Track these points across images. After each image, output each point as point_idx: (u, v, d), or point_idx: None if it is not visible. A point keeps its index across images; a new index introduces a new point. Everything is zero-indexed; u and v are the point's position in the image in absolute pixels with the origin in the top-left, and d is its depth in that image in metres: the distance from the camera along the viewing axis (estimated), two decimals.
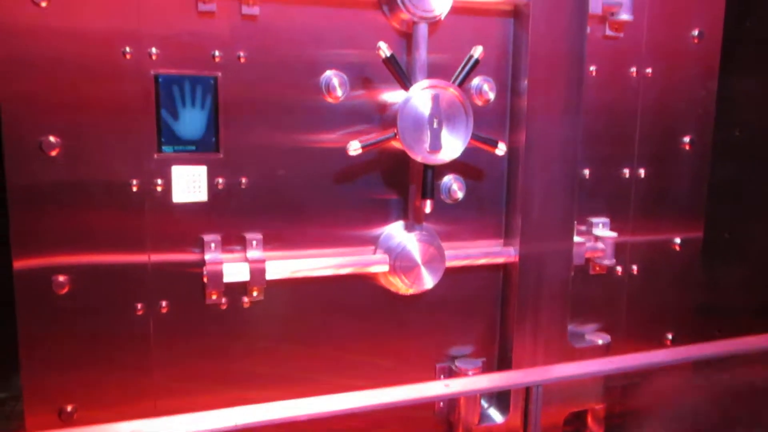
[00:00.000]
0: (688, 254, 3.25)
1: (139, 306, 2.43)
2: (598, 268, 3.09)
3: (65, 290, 2.33)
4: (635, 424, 3.26)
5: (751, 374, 2.94)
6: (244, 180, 2.51)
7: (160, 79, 2.34)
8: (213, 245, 2.48)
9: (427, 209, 2.63)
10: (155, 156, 2.38)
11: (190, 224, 2.46)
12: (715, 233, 3.37)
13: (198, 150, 2.43)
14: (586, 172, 3.02)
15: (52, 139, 2.24)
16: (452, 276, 2.82)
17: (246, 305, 2.58)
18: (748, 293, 3.47)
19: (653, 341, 3.18)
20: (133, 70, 2.31)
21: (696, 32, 3.06)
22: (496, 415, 3.01)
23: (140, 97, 2.33)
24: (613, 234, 3.03)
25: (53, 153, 2.25)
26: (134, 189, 2.37)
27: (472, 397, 2.93)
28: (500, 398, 3.01)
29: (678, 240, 3.22)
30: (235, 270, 2.46)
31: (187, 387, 2.52)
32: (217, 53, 2.40)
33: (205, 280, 2.43)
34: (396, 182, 2.73)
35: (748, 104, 3.51)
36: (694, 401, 3.11)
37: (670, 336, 3.27)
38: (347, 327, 2.78)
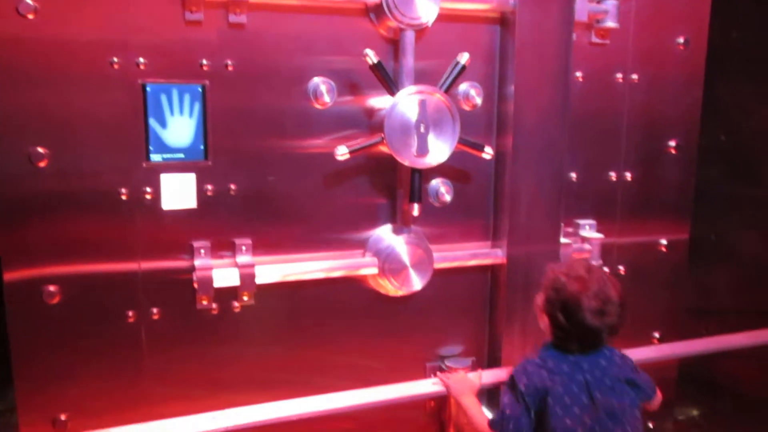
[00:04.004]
0: (675, 256, 3.29)
1: (131, 313, 2.45)
2: None
3: (56, 300, 2.35)
4: None
5: None
6: (233, 186, 2.53)
7: (147, 89, 2.35)
8: (203, 251, 2.50)
9: (415, 212, 2.66)
10: (144, 164, 2.39)
11: (179, 231, 2.48)
12: (702, 235, 3.40)
13: (186, 158, 2.45)
14: (573, 175, 3.05)
15: (40, 150, 2.25)
16: (441, 277, 2.85)
17: (237, 310, 2.60)
18: (734, 294, 3.51)
19: (640, 341, 3.21)
20: (121, 80, 2.32)
21: (681, 39, 3.08)
22: (487, 413, 3.05)
23: (128, 107, 2.35)
24: (600, 235, 3.06)
25: (42, 164, 2.26)
26: (123, 198, 2.38)
27: None
28: (490, 396, 3.05)
29: (664, 241, 3.25)
30: (225, 275, 2.49)
31: (180, 392, 2.55)
32: (204, 62, 2.41)
33: (195, 285, 2.46)
34: (384, 186, 2.75)
35: (733, 110, 3.54)
36: None
37: (657, 335, 3.30)
38: (338, 329, 2.80)
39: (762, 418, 3.55)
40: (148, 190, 2.41)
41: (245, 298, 2.58)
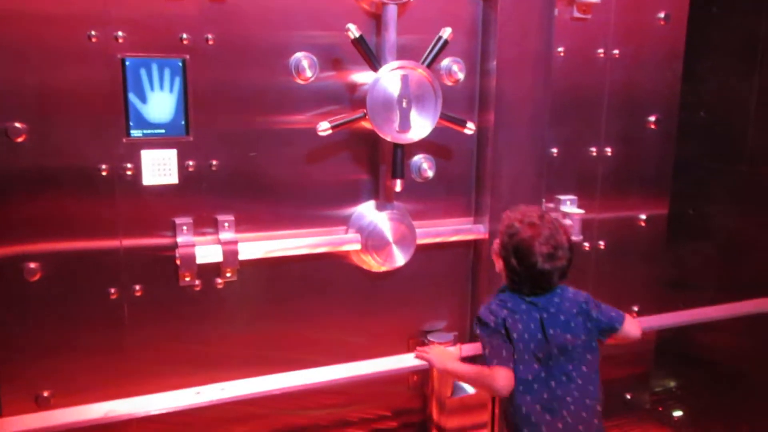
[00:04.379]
0: (654, 230, 3.34)
1: (113, 290, 2.45)
2: None
3: (37, 277, 2.33)
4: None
5: None
6: (214, 162, 2.51)
7: (127, 63, 2.32)
8: (185, 228, 2.49)
9: (398, 188, 2.66)
10: (124, 140, 2.37)
11: (161, 208, 2.47)
12: (680, 210, 3.44)
13: (167, 133, 2.43)
14: (555, 150, 3.07)
15: (17, 125, 2.22)
16: (424, 253, 2.88)
17: (220, 286, 2.60)
18: (712, 268, 3.57)
19: None
20: (100, 53, 2.29)
21: (662, 15, 3.10)
22: (468, 387, 3.09)
23: (107, 81, 2.32)
24: (581, 211, 3.08)
25: (19, 139, 2.23)
26: (104, 174, 2.36)
27: None
28: None
29: (644, 216, 3.29)
30: (207, 252, 2.48)
31: (164, 369, 2.55)
32: (185, 36, 2.38)
33: (178, 262, 2.45)
34: (367, 162, 2.76)
35: (713, 86, 3.57)
36: None
37: (636, 309, 3.36)
38: (321, 305, 2.82)
39: (737, 389, 3.63)
40: (129, 166, 2.39)
41: (228, 275, 2.58)
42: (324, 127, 2.49)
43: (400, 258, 2.78)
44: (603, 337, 2.13)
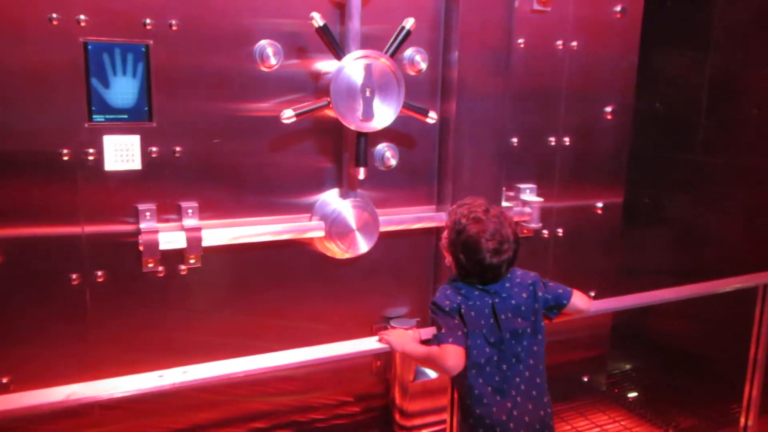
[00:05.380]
0: (610, 218, 3.43)
1: (74, 276, 2.43)
2: (525, 231, 3.23)
3: None
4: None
5: None
6: (178, 149, 2.51)
7: (89, 47, 2.31)
8: (148, 214, 2.49)
9: (361, 176, 2.70)
10: (86, 125, 2.36)
11: (124, 194, 2.46)
12: (636, 199, 3.54)
13: (130, 119, 2.42)
14: (515, 140, 3.14)
15: None
16: (387, 241, 2.92)
17: (183, 273, 2.60)
18: (667, 255, 3.68)
19: None
20: (61, 36, 2.27)
21: (619, 8, 3.19)
22: (430, 371, 3.13)
23: (69, 65, 2.30)
24: (540, 199, 3.17)
25: None
26: (66, 159, 2.35)
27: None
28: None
29: (600, 204, 3.39)
30: (171, 238, 2.48)
31: (126, 356, 2.54)
32: (148, 21, 2.38)
33: (141, 249, 2.45)
34: (330, 150, 2.78)
35: (668, 79, 3.68)
36: None
37: (593, 294, 3.44)
38: (285, 292, 2.84)
39: (691, 371, 3.75)
40: (91, 151, 2.38)
41: (192, 261, 2.58)
42: (288, 115, 2.51)
43: (363, 245, 2.81)
44: (552, 315, 2.19)
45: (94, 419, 2.52)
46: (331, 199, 2.81)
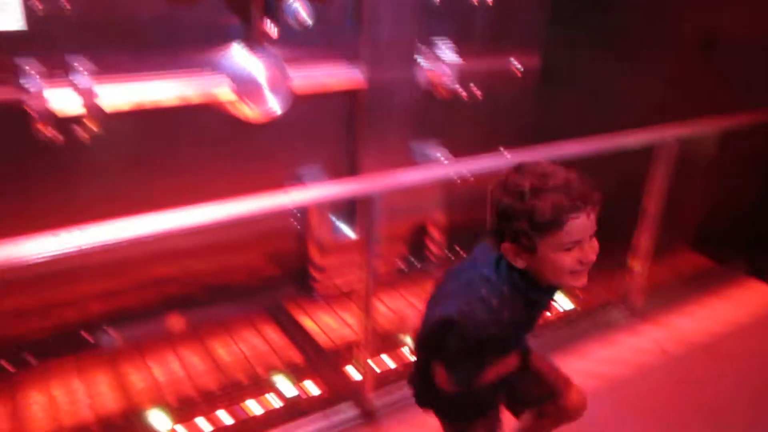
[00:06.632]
0: (527, 80, 3.43)
1: None
2: (443, 92, 3.20)
3: None
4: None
5: None
6: (68, 6, 2.28)
7: None
8: (35, 74, 2.25)
9: (271, 31, 2.56)
10: None
11: (5, 54, 2.22)
12: (553, 61, 3.50)
13: None
14: None
15: None
16: (303, 102, 2.83)
17: (87, 141, 2.41)
18: (581, 117, 3.69)
19: None
20: None
21: None
22: (348, 231, 3.19)
23: None
24: (458, 59, 3.10)
25: None
26: None
27: (320, 210, 3.08)
28: (350, 215, 3.19)
29: (519, 66, 3.36)
30: (62, 97, 2.29)
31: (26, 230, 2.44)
32: None
33: (32, 113, 2.25)
34: (239, 4, 2.59)
35: None
36: None
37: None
38: (195, 157, 2.76)
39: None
40: None
41: (91, 126, 2.38)
42: None
43: (274, 103, 2.72)
44: None
45: None
46: (237, 54, 2.67)
